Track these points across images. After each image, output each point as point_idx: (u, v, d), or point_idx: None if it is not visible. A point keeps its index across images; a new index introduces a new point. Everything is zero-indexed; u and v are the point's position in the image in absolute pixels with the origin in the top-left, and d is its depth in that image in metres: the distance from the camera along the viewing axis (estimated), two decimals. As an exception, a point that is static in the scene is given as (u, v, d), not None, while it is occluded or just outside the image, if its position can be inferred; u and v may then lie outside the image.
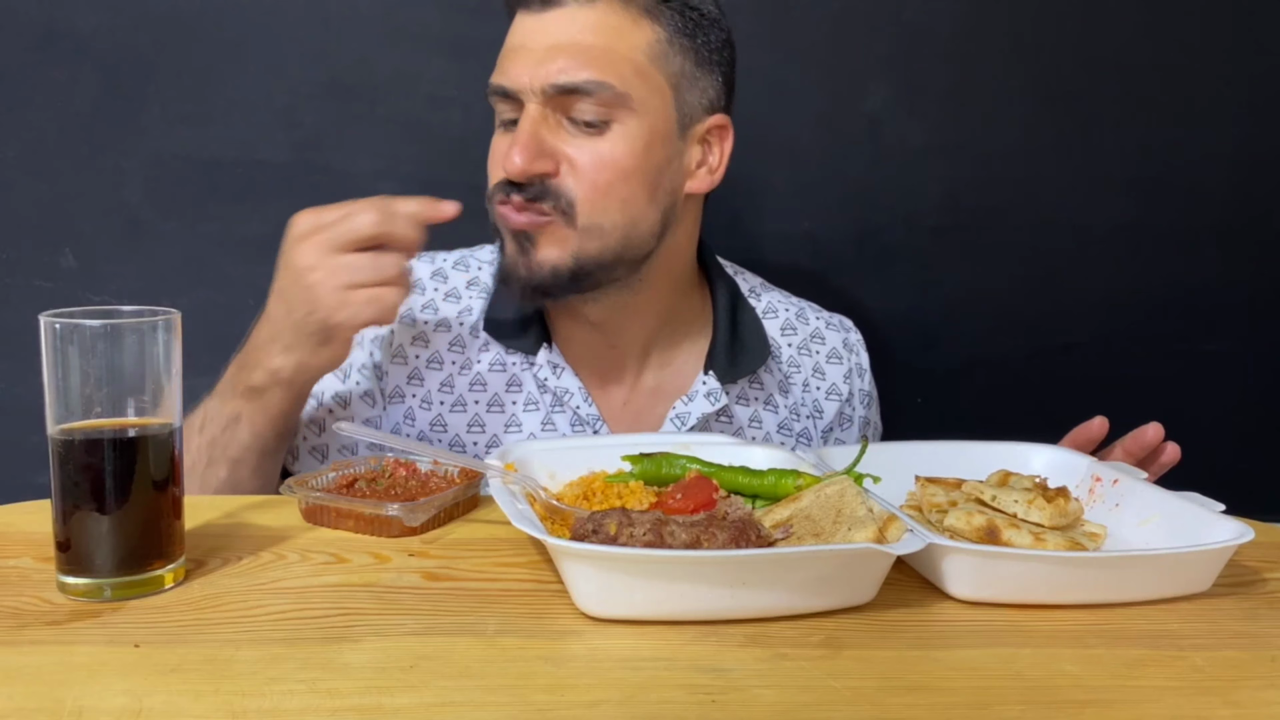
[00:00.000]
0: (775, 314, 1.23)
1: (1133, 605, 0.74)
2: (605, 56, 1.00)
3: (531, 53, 1.01)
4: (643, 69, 1.02)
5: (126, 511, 0.71)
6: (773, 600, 0.69)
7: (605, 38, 1.00)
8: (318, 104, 1.45)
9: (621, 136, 1.01)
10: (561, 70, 0.99)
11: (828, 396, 1.21)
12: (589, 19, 1.01)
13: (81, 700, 0.57)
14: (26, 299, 1.45)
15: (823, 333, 1.24)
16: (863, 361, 1.25)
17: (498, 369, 1.13)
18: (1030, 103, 1.53)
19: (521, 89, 1.01)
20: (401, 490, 0.90)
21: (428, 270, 1.16)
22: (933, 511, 0.84)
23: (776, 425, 1.18)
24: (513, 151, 0.99)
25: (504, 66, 1.04)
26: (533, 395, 1.13)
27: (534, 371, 1.12)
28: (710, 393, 1.13)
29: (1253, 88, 1.55)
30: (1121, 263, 1.57)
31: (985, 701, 0.60)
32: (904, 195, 1.54)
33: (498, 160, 1.05)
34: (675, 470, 0.89)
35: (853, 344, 1.25)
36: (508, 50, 1.04)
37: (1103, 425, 0.97)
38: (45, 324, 0.70)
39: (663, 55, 1.03)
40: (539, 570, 0.78)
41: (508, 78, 1.02)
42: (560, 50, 1.00)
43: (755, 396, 1.17)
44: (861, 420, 1.24)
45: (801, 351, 1.21)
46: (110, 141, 1.44)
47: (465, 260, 1.18)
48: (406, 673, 0.61)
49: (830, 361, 1.22)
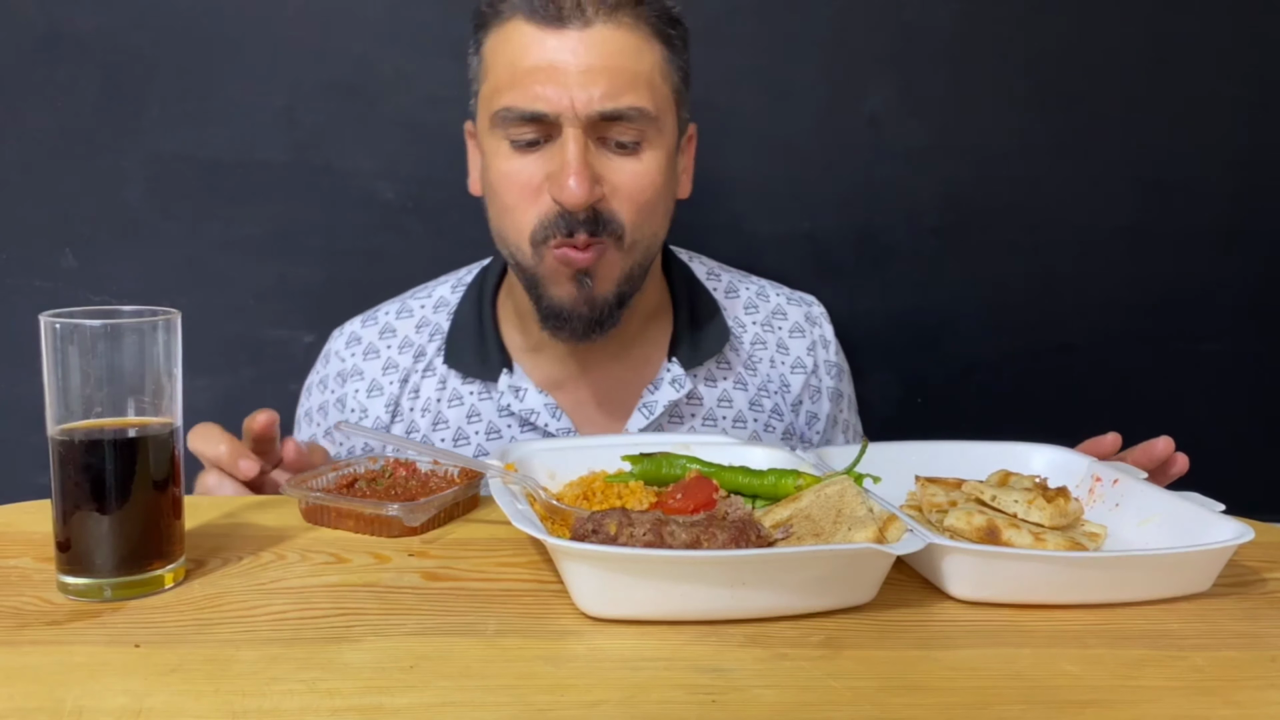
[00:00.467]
0: (736, 294, 1.24)
1: (1133, 605, 0.74)
2: (638, 80, 1.01)
3: (566, 74, 0.98)
4: (660, 89, 1.03)
5: (127, 511, 0.71)
6: (773, 600, 0.69)
7: (632, 60, 1.00)
8: (318, 104, 1.45)
9: (652, 156, 1.03)
10: (607, 96, 0.99)
11: (793, 370, 1.22)
12: (616, 40, 1.00)
13: (81, 700, 0.57)
14: (26, 299, 1.45)
15: (784, 308, 1.25)
16: (826, 334, 1.25)
17: (455, 403, 1.15)
18: (1030, 103, 1.53)
19: (562, 113, 0.99)
20: (401, 490, 0.90)
21: (374, 332, 1.19)
22: (933, 511, 0.84)
23: (747, 403, 1.19)
24: (569, 180, 0.98)
25: (529, 88, 0.99)
26: (494, 424, 1.14)
27: (495, 400, 1.14)
28: (675, 379, 1.14)
29: (1253, 88, 1.55)
30: (1121, 263, 1.57)
31: (985, 701, 0.60)
32: (904, 195, 1.54)
33: (529, 188, 1.02)
34: (675, 470, 0.89)
35: (815, 317, 1.26)
36: (531, 70, 0.99)
37: (1115, 441, 0.96)
38: (45, 324, 0.70)
39: (666, 74, 1.05)
40: (539, 570, 0.78)
41: (544, 102, 0.98)
42: (599, 74, 0.98)
43: (723, 376, 1.19)
44: (830, 391, 1.24)
45: (765, 328, 1.23)
46: (110, 141, 1.44)
47: (406, 306, 1.21)
48: (406, 673, 0.61)
49: (793, 336, 1.23)
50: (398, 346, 1.18)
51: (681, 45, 1.07)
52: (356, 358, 1.18)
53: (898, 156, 1.53)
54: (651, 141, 1.03)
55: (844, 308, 1.54)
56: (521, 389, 1.13)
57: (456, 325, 1.17)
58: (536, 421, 1.12)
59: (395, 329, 1.19)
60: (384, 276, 1.47)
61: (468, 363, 1.14)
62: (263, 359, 1.49)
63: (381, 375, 1.17)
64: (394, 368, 1.17)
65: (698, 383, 1.17)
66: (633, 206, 1.03)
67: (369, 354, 1.18)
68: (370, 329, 1.20)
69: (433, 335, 1.18)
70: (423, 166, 1.47)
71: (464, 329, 1.16)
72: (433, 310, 1.20)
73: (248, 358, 1.49)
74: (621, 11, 1.00)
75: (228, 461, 0.92)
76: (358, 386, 1.17)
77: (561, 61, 0.99)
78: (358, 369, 1.18)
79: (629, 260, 1.05)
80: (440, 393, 1.15)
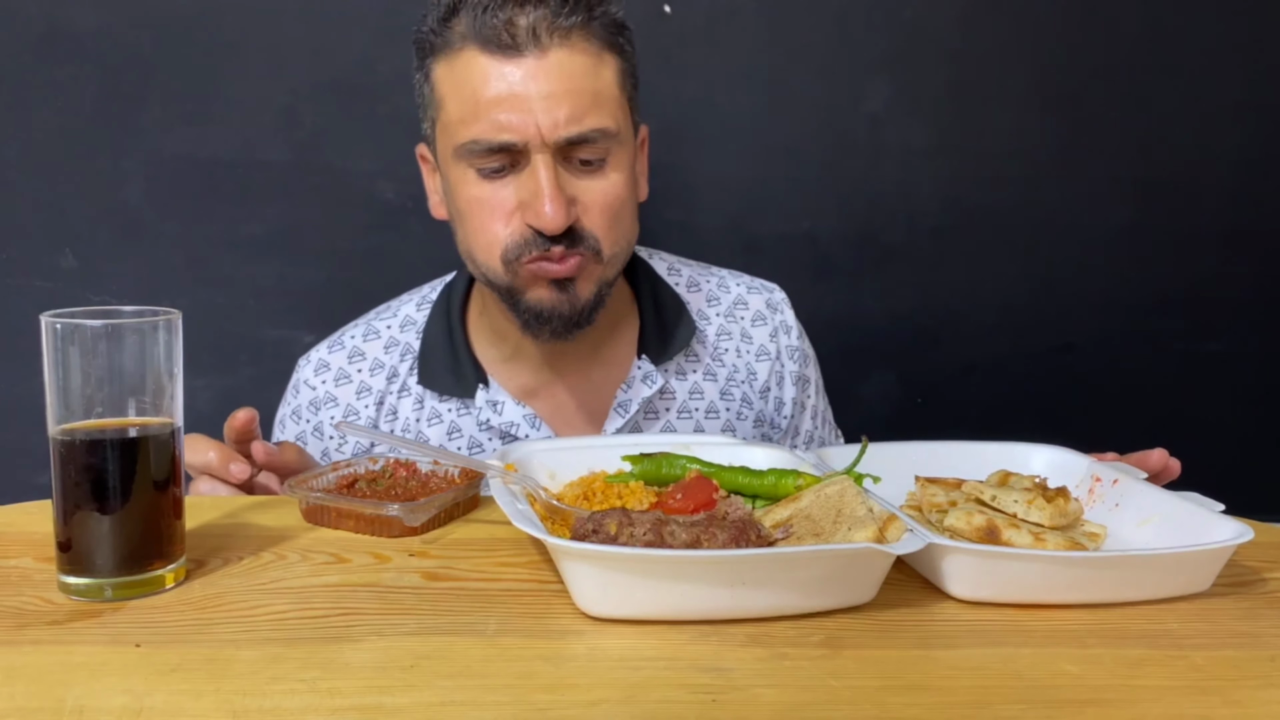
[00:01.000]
0: (698, 287, 1.25)
1: (1133, 605, 0.74)
2: (597, 99, 1.01)
3: (529, 101, 0.98)
4: (618, 102, 1.04)
5: (127, 511, 0.71)
6: (773, 600, 0.69)
7: (591, 80, 1.01)
8: (318, 104, 1.46)
9: (615, 170, 1.04)
10: (571, 119, 0.99)
11: (758, 358, 1.23)
12: (573, 63, 1.00)
13: (82, 700, 0.58)
14: (26, 299, 1.45)
15: (745, 298, 1.26)
16: (787, 319, 1.26)
17: (435, 421, 1.15)
18: (1030, 103, 1.53)
19: (529, 141, 0.99)
20: (402, 490, 0.90)
21: (342, 357, 1.18)
22: (933, 511, 0.84)
23: (718, 393, 1.20)
24: (545, 207, 0.99)
25: (493, 118, 0.99)
26: (475, 438, 1.14)
27: (474, 415, 1.14)
28: (646, 376, 1.16)
29: (1253, 88, 1.55)
30: (1121, 263, 1.58)
31: (985, 701, 0.60)
32: (904, 195, 1.54)
33: (501, 213, 1.03)
34: (675, 470, 0.89)
35: (775, 303, 1.27)
36: (493, 101, 0.99)
37: (1161, 456, 0.95)
38: (46, 324, 0.70)
39: (621, 84, 1.05)
40: (539, 570, 0.78)
41: (510, 131, 0.99)
42: (561, 98, 0.99)
43: (692, 369, 1.20)
44: (794, 375, 1.24)
45: (728, 319, 1.24)
46: (110, 141, 1.44)
47: (372, 327, 1.20)
48: (406, 672, 0.61)
49: (755, 324, 1.24)
50: (368, 369, 1.17)
51: (630, 49, 1.07)
52: (327, 384, 1.17)
53: (898, 156, 1.53)
54: (615, 156, 1.04)
55: (844, 308, 1.54)
56: (499, 402, 1.13)
57: (428, 344, 1.17)
58: (517, 434, 1.13)
59: (364, 351, 1.18)
60: (384, 276, 1.47)
61: (442, 381, 1.15)
62: (263, 359, 1.49)
63: (356, 400, 1.16)
64: (368, 391, 1.16)
65: (669, 377, 1.18)
66: (605, 222, 1.04)
67: (340, 380, 1.17)
68: (338, 354, 1.19)
69: (404, 355, 1.17)
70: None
71: (435, 347, 1.16)
72: (399, 330, 1.19)
73: (248, 358, 1.49)
74: (574, 33, 1.00)
75: (218, 467, 0.92)
76: (333, 413, 1.16)
77: (522, 90, 0.99)
78: (330, 395, 1.17)
79: (609, 270, 1.07)
80: (418, 412, 1.16)
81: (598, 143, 1.01)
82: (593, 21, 1.01)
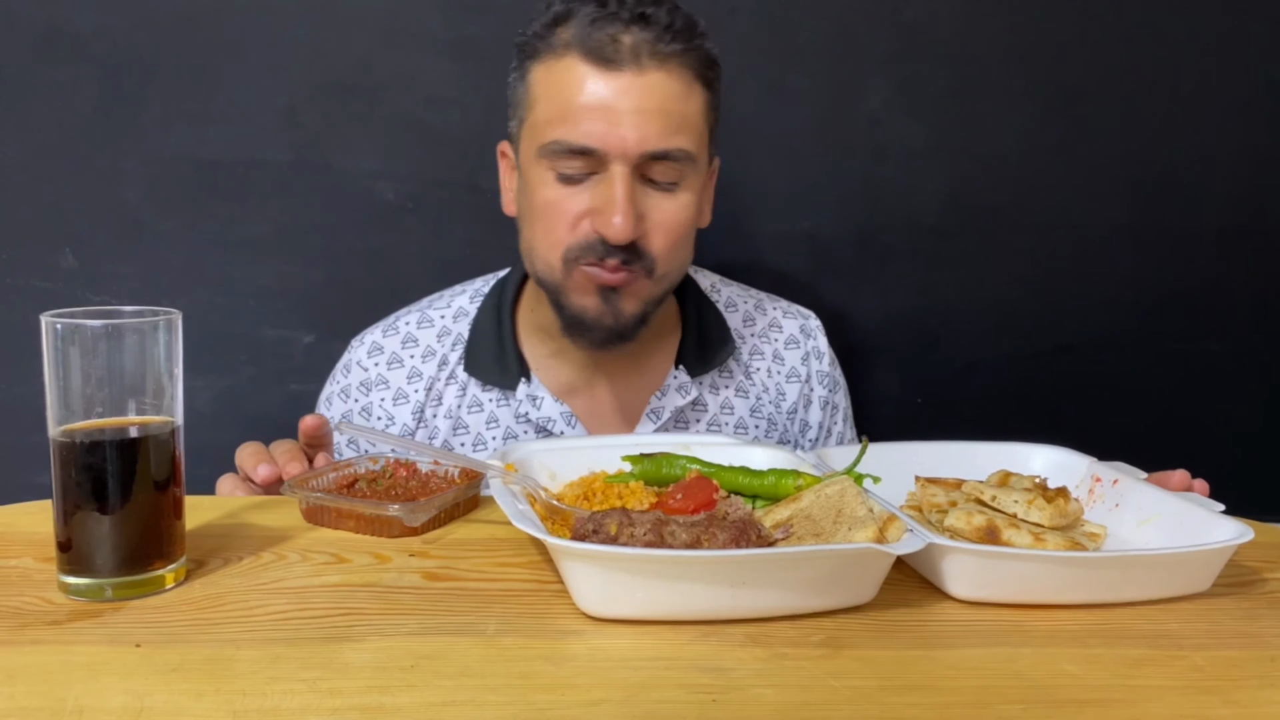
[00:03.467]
0: (735, 308, 1.29)
1: (1133, 605, 0.74)
2: (685, 122, 1.05)
3: (618, 114, 1.02)
4: (699, 129, 1.08)
5: (127, 511, 0.71)
6: (773, 600, 0.69)
7: (680, 104, 1.05)
8: (318, 104, 1.45)
9: (687, 194, 1.08)
10: (656, 136, 1.03)
11: (788, 380, 1.27)
12: (667, 86, 1.03)
13: (82, 700, 0.58)
14: (26, 299, 1.45)
15: (780, 321, 1.30)
16: (819, 345, 1.30)
17: (475, 410, 1.18)
18: (1030, 103, 1.53)
19: (610, 151, 1.02)
20: (402, 490, 0.90)
21: (396, 342, 1.21)
22: (933, 511, 0.84)
23: (749, 410, 1.24)
24: (616, 217, 1.02)
25: (579, 124, 1.03)
26: (512, 429, 1.18)
27: (514, 407, 1.17)
28: (681, 386, 1.19)
29: (1252, 88, 1.55)
30: (1121, 263, 1.57)
31: (985, 701, 0.60)
32: (904, 195, 1.54)
33: (572, 216, 1.06)
34: (675, 470, 0.89)
35: (810, 330, 1.31)
36: (582, 108, 1.03)
37: (1183, 478, 0.95)
38: (46, 324, 0.70)
39: (705, 114, 1.09)
40: (539, 570, 0.78)
41: (594, 139, 1.02)
42: (650, 115, 1.02)
43: (725, 385, 1.24)
44: (821, 400, 1.28)
45: (762, 340, 1.28)
46: (110, 141, 1.44)
47: (426, 315, 1.23)
48: (407, 672, 0.61)
49: (788, 347, 1.29)
50: (421, 355, 1.20)
51: (718, 85, 1.11)
52: (380, 367, 1.20)
53: (898, 156, 1.53)
54: (688, 180, 1.07)
55: (844, 308, 1.54)
56: (539, 398, 1.17)
57: (476, 335, 1.20)
58: (552, 429, 1.16)
59: (417, 338, 1.22)
60: (384, 276, 1.48)
61: (488, 371, 1.18)
62: (263, 359, 1.49)
63: (407, 384, 1.19)
64: (419, 376, 1.19)
65: (703, 390, 1.22)
66: (667, 243, 1.07)
67: (393, 363, 1.20)
68: (392, 339, 1.22)
69: (454, 344, 1.21)
70: (423, 166, 1.47)
71: (484, 338, 1.20)
72: (453, 320, 1.23)
73: (248, 358, 1.49)
74: (672, 59, 1.04)
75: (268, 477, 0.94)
76: (383, 395, 1.19)
77: (614, 102, 1.02)
78: (382, 378, 1.20)
79: (658, 288, 1.10)
80: (461, 399, 1.19)
81: (676, 162, 1.05)
82: (690, 52, 1.05)
